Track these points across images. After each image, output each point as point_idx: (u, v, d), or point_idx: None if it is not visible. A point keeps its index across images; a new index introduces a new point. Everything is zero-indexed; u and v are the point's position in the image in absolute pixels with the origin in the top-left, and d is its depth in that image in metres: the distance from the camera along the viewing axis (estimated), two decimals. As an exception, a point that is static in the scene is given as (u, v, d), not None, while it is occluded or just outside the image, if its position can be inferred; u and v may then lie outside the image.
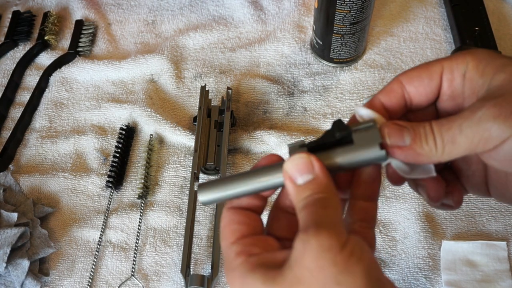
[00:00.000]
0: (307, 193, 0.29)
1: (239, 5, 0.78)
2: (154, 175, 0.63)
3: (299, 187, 0.30)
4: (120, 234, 0.60)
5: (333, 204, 0.29)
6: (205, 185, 0.32)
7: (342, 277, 0.26)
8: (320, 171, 0.30)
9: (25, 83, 0.74)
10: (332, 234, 0.27)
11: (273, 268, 0.28)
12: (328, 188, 0.29)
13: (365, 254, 0.27)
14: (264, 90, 0.69)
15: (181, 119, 0.68)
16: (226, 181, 0.32)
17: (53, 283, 0.57)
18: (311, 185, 0.29)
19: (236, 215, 0.32)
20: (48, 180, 0.64)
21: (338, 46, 0.67)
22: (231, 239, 0.31)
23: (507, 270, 0.54)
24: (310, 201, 0.29)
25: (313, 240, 0.27)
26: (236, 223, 0.31)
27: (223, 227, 0.32)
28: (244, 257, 0.29)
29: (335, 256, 0.26)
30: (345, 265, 0.26)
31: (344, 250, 0.26)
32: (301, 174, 0.30)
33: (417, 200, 0.59)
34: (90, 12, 0.80)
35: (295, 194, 0.30)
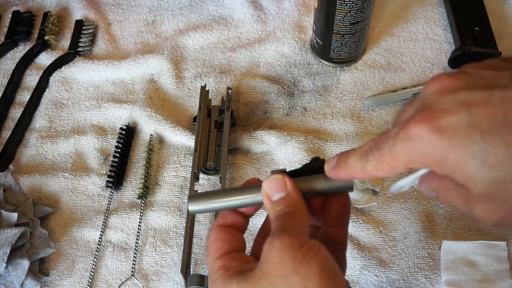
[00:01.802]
0: (280, 207, 0.34)
1: (239, 5, 0.78)
2: (154, 175, 0.63)
3: (274, 202, 0.35)
4: (120, 234, 0.60)
5: (299, 216, 0.34)
6: (194, 196, 0.37)
7: (299, 267, 0.30)
8: (292, 189, 0.35)
9: (25, 83, 0.74)
10: (293, 235, 0.31)
11: (246, 273, 0.33)
12: (297, 203, 0.34)
13: (321, 252, 0.31)
14: (264, 90, 0.69)
15: (181, 119, 0.68)
16: (213, 195, 0.37)
17: (53, 283, 0.57)
18: (283, 200, 0.34)
19: (222, 233, 0.36)
20: (48, 180, 0.64)
21: (338, 46, 0.67)
22: (216, 255, 0.35)
23: (507, 270, 0.54)
24: (281, 213, 0.34)
25: (277, 240, 0.31)
26: (222, 240, 0.36)
27: (210, 244, 0.36)
28: (225, 270, 0.34)
29: (294, 252, 0.31)
30: (302, 258, 0.30)
31: (303, 248, 0.31)
32: (276, 191, 0.35)
33: (417, 200, 0.59)
34: (90, 12, 0.80)
35: (270, 209, 0.35)
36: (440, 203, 0.59)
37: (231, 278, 0.33)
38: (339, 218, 0.38)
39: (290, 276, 0.30)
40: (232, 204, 0.36)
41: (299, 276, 0.30)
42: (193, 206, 0.37)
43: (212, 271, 0.35)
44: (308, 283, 0.30)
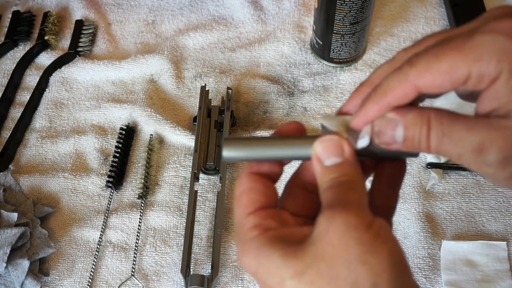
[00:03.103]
0: (334, 175, 0.29)
1: (239, 5, 0.78)
2: (154, 175, 0.63)
3: (326, 168, 0.29)
4: (120, 234, 0.60)
5: (359, 188, 0.28)
6: (231, 140, 0.31)
7: (367, 256, 0.25)
8: (350, 155, 0.29)
9: (25, 83, 0.74)
10: (359, 213, 0.26)
11: (291, 243, 0.27)
12: (356, 173, 0.29)
13: (390, 237, 0.27)
14: (264, 90, 0.69)
15: (181, 119, 0.68)
16: (253, 141, 0.31)
17: (53, 283, 0.57)
18: (339, 168, 0.29)
19: (256, 183, 0.30)
20: (48, 180, 0.64)
21: (338, 46, 0.67)
22: (248, 209, 0.30)
23: (507, 270, 0.54)
24: (337, 182, 0.28)
25: (339, 217, 0.26)
26: (256, 192, 0.30)
27: (240, 194, 0.30)
28: (261, 231, 0.28)
29: (362, 235, 0.26)
30: (371, 245, 0.25)
31: (370, 230, 0.26)
32: (330, 155, 0.29)
33: (417, 200, 0.59)
34: (90, 12, 0.79)
35: (321, 175, 0.29)
36: (440, 203, 0.59)
37: (273, 246, 0.27)
38: (393, 178, 0.32)
39: (356, 266, 0.25)
40: (275, 156, 0.31)
41: (367, 268, 0.25)
42: (228, 151, 0.31)
43: (242, 229, 0.29)
44: (377, 279, 0.25)
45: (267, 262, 0.27)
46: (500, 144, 0.26)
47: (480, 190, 0.59)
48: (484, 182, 0.60)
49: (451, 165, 0.60)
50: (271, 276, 0.27)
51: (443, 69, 0.26)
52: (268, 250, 0.27)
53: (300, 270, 0.26)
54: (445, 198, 0.59)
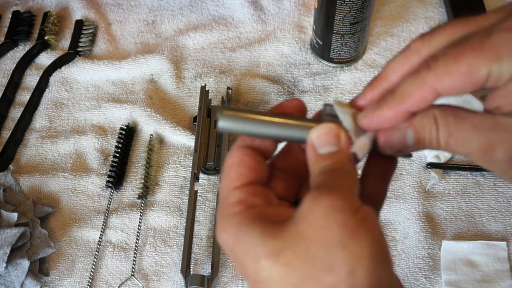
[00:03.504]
0: (327, 162, 0.28)
1: (239, 5, 0.78)
2: (154, 175, 0.63)
3: (320, 155, 0.28)
4: (120, 234, 0.60)
5: (350, 175, 0.27)
6: (229, 110, 0.30)
7: (348, 241, 0.24)
8: (345, 145, 0.29)
9: (25, 83, 0.74)
10: (346, 197, 0.25)
11: (273, 223, 0.26)
12: (348, 163, 0.28)
13: (376, 226, 0.25)
14: (264, 90, 0.69)
15: (181, 119, 0.68)
16: (252, 116, 0.30)
17: (53, 283, 0.57)
18: (333, 156, 0.28)
19: (248, 158, 0.29)
20: (48, 180, 0.64)
21: (338, 46, 0.67)
22: (236, 183, 0.29)
23: (507, 270, 0.54)
24: (329, 169, 0.28)
25: (325, 198, 0.25)
26: (246, 166, 0.29)
27: (229, 166, 0.29)
28: (245, 207, 0.27)
29: (346, 218, 0.24)
30: (354, 230, 0.24)
31: (356, 215, 0.25)
32: (325, 144, 0.28)
33: (417, 200, 0.59)
34: (90, 12, 0.79)
35: (314, 162, 0.28)
36: (440, 203, 0.59)
37: (254, 223, 0.26)
38: (384, 170, 0.31)
39: (336, 250, 0.24)
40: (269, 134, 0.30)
41: (347, 253, 0.24)
42: (224, 121, 0.29)
43: (225, 203, 0.28)
44: (356, 265, 0.24)
45: (245, 239, 0.26)
46: (507, 143, 0.26)
47: (480, 190, 0.59)
48: (484, 182, 0.60)
49: (451, 165, 0.60)
50: (247, 254, 0.26)
51: (463, 71, 0.25)
52: (248, 227, 0.26)
53: (276, 250, 0.25)
54: (445, 198, 0.59)
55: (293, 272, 0.25)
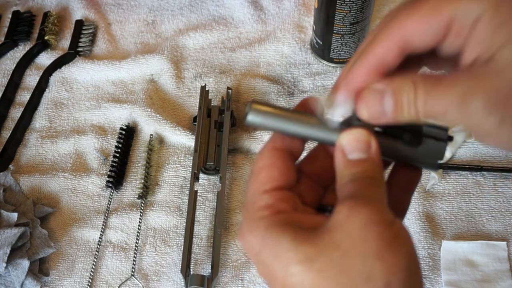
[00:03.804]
0: (357, 169, 0.28)
1: (239, 5, 0.78)
2: (154, 175, 0.63)
3: (349, 161, 0.28)
4: (120, 234, 0.60)
5: (381, 186, 0.27)
6: (259, 104, 0.29)
7: (385, 253, 0.24)
8: (376, 153, 0.28)
9: (25, 83, 0.74)
10: (382, 210, 0.26)
11: (303, 229, 0.26)
12: (379, 171, 0.28)
13: (409, 239, 0.26)
14: (264, 90, 0.69)
15: (181, 119, 0.68)
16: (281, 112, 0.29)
17: (53, 283, 0.57)
18: (364, 164, 0.28)
19: (278, 160, 0.29)
20: (48, 180, 0.64)
21: (338, 46, 0.67)
22: (265, 186, 0.28)
23: (507, 270, 0.54)
24: (360, 177, 0.27)
25: (362, 209, 0.25)
26: (276, 169, 0.29)
27: (260, 168, 0.29)
28: (272, 212, 0.27)
29: (383, 231, 0.25)
30: (390, 243, 0.25)
31: (391, 229, 0.25)
32: (355, 150, 0.28)
33: (417, 200, 0.59)
34: (90, 12, 0.79)
35: (343, 167, 0.28)
36: (440, 203, 0.59)
37: (283, 229, 0.26)
38: (407, 183, 0.31)
39: (372, 261, 0.24)
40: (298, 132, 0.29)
41: (384, 265, 0.24)
42: (254, 116, 0.29)
43: (253, 206, 0.28)
44: (392, 277, 0.24)
45: (274, 244, 0.26)
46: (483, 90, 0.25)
47: (480, 190, 0.59)
48: (484, 182, 0.60)
49: (451, 165, 0.60)
50: (277, 258, 0.26)
51: (424, 13, 0.26)
52: (278, 232, 0.26)
53: (310, 256, 0.25)
54: (445, 198, 0.59)
55: (328, 280, 0.25)
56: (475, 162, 0.61)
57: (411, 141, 0.29)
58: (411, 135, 0.29)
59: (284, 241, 0.25)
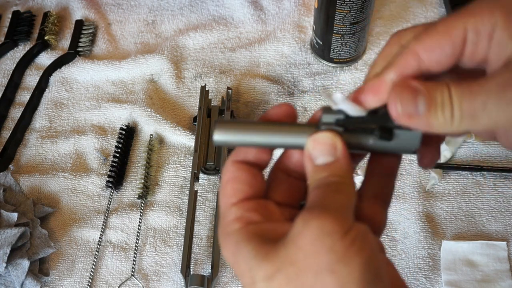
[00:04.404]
0: (323, 174, 0.27)
1: (239, 5, 0.78)
2: (154, 175, 0.63)
3: (317, 166, 0.28)
4: (120, 234, 0.60)
5: (346, 190, 0.27)
6: (223, 123, 0.30)
7: (337, 265, 0.24)
8: (342, 155, 0.28)
9: (25, 83, 0.74)
10: (336, 218, 0.25)
11: (269, 241, 0.26)
12: (346, 174, 0.28)
13: (366, 245, 0.25)
14: (264, 90, 0.69)
15: (181, 119, 0.68)
16: (246, 126, 0.30)
17: (53, 283, 0.57)
18: (330, 167, 0.28)
19: (242, 172, 0.29)
20: (48, 180, 0.64)
21: (338, 46, 0.67)
22: (232, 200, 0.29)
23: (507, 270, 0.54)
24: (324, 183, 0.27)
25: (315, 221, 0.25)
26: (241, 181, 0.29)
27: (225, 182, 0.29)
28: (242, 224, 0.28)
29: (335, 242, 0.24)
30: (343, 253, 0.24)
31: (346, 238, 0.25)
32: (321, 154, 0.28)
33: (417, 200, 0.59)
34: (90, 12, 0.79)
35: (311, 173, 0.28)
36: (440, 203, 0.59)
37: (249, 243, 0.26)
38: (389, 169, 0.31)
39: (325, 275, 0.24)
40: (267, 142, 0.29)
41: (336, 277, 0.24)
42: (219, 134, 0.29)
43: (225, 220, 0.28)
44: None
45: (242, 261, 0.26)
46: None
47: (480, 190, 0.59)
48: (484, 182, 0.60)
49: (451, 165, 0.60)
50: (244, 276, 0.26)
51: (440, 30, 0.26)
52: (244, 248, 0.26)
53: (270, 274, 0.25)
54: (445, 198, 0.59)
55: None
56: (475, 162, 0.61)
57: (382, 136, 0.29)
58: (382, 131, 0.29)
59: (249, 256, 0.26)
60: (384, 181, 0.31)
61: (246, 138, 0.29)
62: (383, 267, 0.26)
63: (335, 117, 0.29)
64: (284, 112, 0.30)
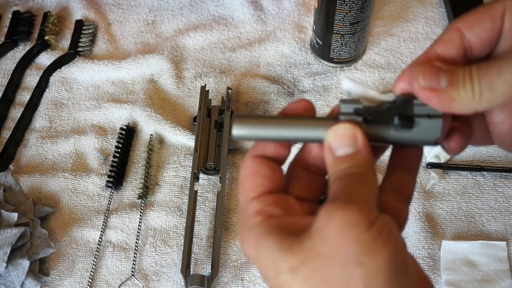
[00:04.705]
0: (345, 165, 0.27)
1: (239, 5, 0.78)
2: (154, 175, 0.63)
3: (337, 158, 0.28)
4: (120, 234, 0.60)
5: (369, 182, 0.27)
6: (242, 117, 0.30)
7: (364, 257, 0.24)
8: (363, 146, 0.28)
9: (25, 83, 0.74)
10: (361, 210, 0.25)
11: (292, 234, 0.26)
12: (367, 164, 0.27)
13: (393, 237, 0.25)
14: (264, 90, 0.69)
15: (181, 119, 0.68)
16: (265, 120, 0.29)
17: (53, 283, 0.57)
18: (350, 158, 0.27)
19: (262, 166, 0.29)
20: (48, 180, 0.64)
21: (338, 46, 0.67)
22: (252, 194, 0.28)
23: (507, 270, 0.54)
24: (345, 174, 0.27)
25: (339, 212, 0.25)
26: (261, 175, 0.29)
27: (244, 177, 0.29)
28: (263, 218, 0.27)
29: (361, 233, 0.24)
30: (370, 245, 0.24)
31: (372, 229, 0.24)
32: (342, 145, 0.28)
33: (417, 200, 0.59)
34: (90, 12, 0.80)
35: (332, 165, 0.28)
36: (440, 203, 0.59)
37: (272, 236, 0.26)
38: (410, 163, 0.31)
39: (351, 267, 0.24)
40: (286, 136, 0.29)
41: (363, 269, 0.24)
42: (238, 129, 0.29)
43: (246, 214, 0.28)
44: (372, 281, 0.24)
45: (264, 253, 0.26)
46: None
47: (480, 190, 0.59)
48: (484, 182, 0.60)
49: (451, 165, 0.60)
50: (268, 268, 0.26)
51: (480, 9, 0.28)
52: (267, 240, 0.26)
53: (295, 265, 0.25)
54: (445, 198, 0.59)
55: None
56: (475, 162, 0.61)
57: (403, 124, 0.28)
58: (402, 119, 0.28)
59: (272, 250, 0.26)
60: (405, 177, 0.31)
61: (265, 132, 0.29)
62: (410, 260, 0.26)
63: (354, 106, 0.29)
64: (302, 107, 0.30)
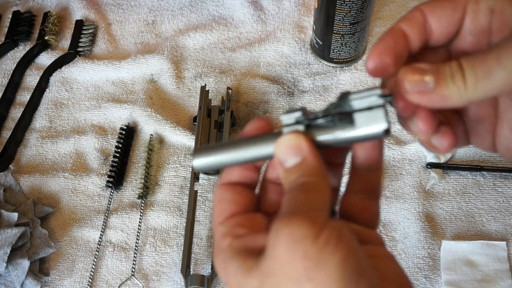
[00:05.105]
0: (293, 176, 0.27)
1: (239, 5, 0.78)
2: (154, 175, 0.63)
3: (287, 169, 0.28)
4: (120, 234, 0.60)
5: (317, 188, 0.27)
6: (199, 150, 0.31)
7: (314, 272, 0.23)
8: (309, 153, 0.27)
9: (25, 83, 0.74)
10: (305, 222, 0.24)
11: (253, 255, 0.26)
12: (315, 171, 0.27)
13: (342, 242, 0.24)
14: (264, 90, 0.69)
15: (181, 119, 0.68)
16: (220, 147, 0.30)
17: (53, 283, 0.57)
18: (299, 167, 0.27)
19: (227, 193, 0.30)
20: (48, 180, 0.64)
21: (338, 46, 0.67)
22: (219, 219, 0.29)
23: (507, 270, 0.54)
24: (293, 186, 0.27)
25: (285, 229, 0.24)
26: (226, 201, 0.30)
27: (214, 206, 0.30)
28: (230, 240, 0.28)
29: (308, 247, 0.24)
30: (317, 257, 0.24)
31: (318, 241, 0.24)
32: (289, 155, 0.28)
33: (417, 200, 0.59)
34: (90, 12, 0.80)
35: (284, 178, 0.28)
36: (440, 203, 0.59)
37: (236, 259, 0.27)
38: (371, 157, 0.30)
39: (303, 284, 0.24)
40: (241, 159, 0.30)
41: (314, 284, 0.24)
42: (197, 161, 0.31)
43: (216, 239, 0.29)
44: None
45: (232, 277, 0.27)
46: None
47: (480, 190, 0.59)
48: (484, 182, 0.60)
49: (451, 165, 0.60)
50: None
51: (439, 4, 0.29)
52: (232, 264, 0.27)
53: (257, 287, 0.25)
54: (445, 198, 0.59)
55: None
56: (475, 162, 0.61)
57: (344, 120, 0.28)
58: (341, 116, 0.28)
59: (236, 274, 0.26)
60: (369, 175, 0.30)
61: (222, 159, 0.30)
62: (365, 260, 0.25)
63: (294, 116, 0.29)
64: (259, 127, 0.30)
